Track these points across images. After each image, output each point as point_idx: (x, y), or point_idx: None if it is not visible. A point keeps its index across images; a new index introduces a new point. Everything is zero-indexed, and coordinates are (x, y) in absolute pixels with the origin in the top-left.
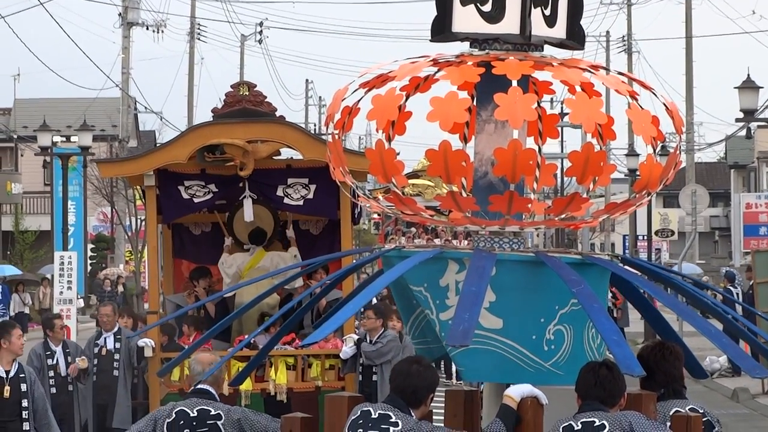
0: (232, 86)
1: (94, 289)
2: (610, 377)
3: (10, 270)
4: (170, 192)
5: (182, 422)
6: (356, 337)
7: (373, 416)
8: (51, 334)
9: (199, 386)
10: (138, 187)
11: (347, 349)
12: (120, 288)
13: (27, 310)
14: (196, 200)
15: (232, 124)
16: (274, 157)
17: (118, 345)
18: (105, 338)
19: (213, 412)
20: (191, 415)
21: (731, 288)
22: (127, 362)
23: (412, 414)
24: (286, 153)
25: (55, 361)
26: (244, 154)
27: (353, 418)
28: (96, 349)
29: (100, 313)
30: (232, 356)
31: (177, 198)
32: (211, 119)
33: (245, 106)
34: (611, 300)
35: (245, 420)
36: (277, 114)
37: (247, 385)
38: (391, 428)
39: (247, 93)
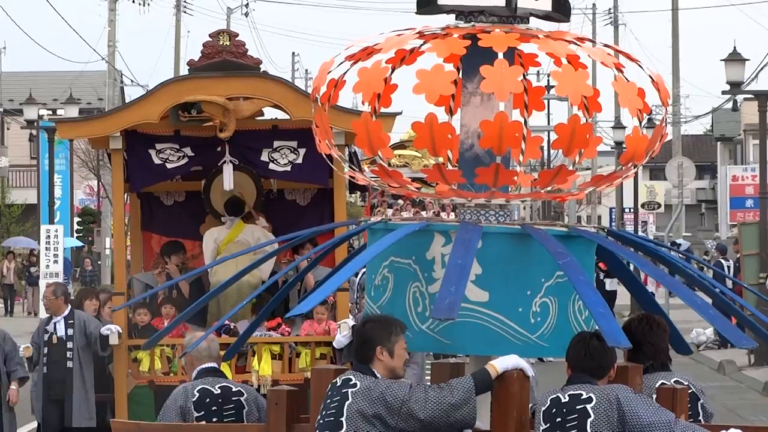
0: (210, 35)
1: (79, 263)
2: (601, 348)
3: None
4: (140, 156)
5: (208, 400)
6: (352, 322)
7: (337, 384)
8: None
9: (207, 365)
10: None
11: (341, 338)
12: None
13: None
14: (169, 166)
15: (211, 79)
16: (258, 118)
17: (70, 331)
18: (55, 324)
19: (234, 389)
20: (215, 392)
21: (722, 261)
22: (83, 350)
23: (376, 373)
24: (270, 113)
25: None
26: (224, 113)
27: (327, 391)
28: (46, 337)
29: (45, 293)
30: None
31: (147, 163)
32: (188, 73)
33: (226, 57)
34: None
35: (259, 399)
36: (262, 69)
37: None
38: (350, 390)
39: (228, 43)
